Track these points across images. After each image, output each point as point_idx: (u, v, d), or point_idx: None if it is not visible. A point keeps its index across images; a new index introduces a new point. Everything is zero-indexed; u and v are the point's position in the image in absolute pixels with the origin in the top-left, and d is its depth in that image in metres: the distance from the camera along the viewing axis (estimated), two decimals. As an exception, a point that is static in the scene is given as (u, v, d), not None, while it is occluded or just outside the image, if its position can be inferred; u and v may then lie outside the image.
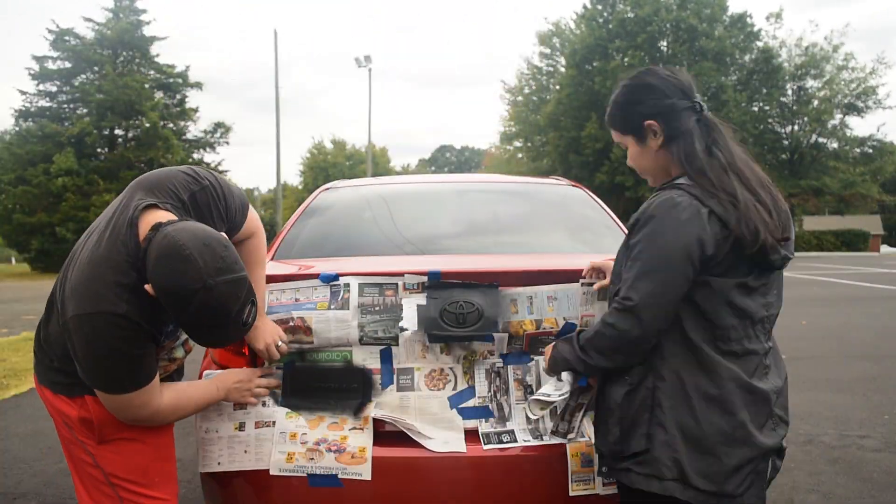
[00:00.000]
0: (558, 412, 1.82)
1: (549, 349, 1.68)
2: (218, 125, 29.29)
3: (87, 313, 1.48)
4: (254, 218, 1.86)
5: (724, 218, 1.41)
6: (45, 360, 1.70)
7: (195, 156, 28.87)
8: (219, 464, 1.89)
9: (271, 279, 1.99)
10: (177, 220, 1.52)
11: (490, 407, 1.92)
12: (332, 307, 1.92)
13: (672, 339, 1.49)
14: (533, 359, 1.96)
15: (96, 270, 1.51)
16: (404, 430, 1.87)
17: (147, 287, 1.46)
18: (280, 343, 1.88)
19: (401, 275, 1.94)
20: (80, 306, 1.49)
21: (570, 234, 2.74)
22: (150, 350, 1.59)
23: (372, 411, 1.88)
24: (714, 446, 1.44)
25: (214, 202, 1.69)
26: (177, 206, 1.60)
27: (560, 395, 1.69)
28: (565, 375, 1.69)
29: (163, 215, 1.54)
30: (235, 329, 1.51)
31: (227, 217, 1.73)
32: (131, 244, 1.52)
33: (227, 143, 29.84)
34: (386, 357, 1.93)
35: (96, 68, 26.89)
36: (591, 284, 1.91)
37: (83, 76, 27.12)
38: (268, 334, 1.87)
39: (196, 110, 29.31)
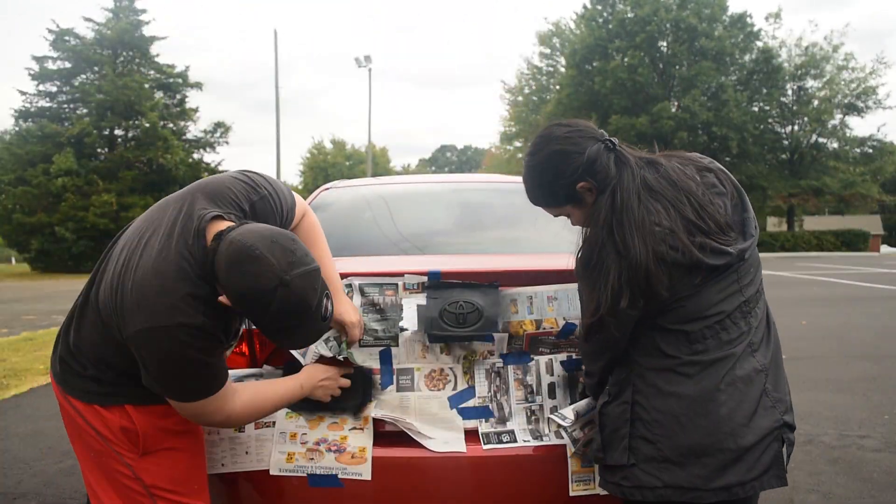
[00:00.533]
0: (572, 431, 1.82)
1: None
2: (218, 125, 29.32)
3: (163, 325, 1.44)
4: (300, 202, 1.83)
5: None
6: (76, 367, 1.62)
7: (195, 156, 28.89)
8: (223, 465, 1.89)
9: None
10: (236, 224, 1.49)
11: (490, 407, 1.92)
12: None
13: (647, 353, 1.50)
14: (533, 359, 1.96)
15: (166, 282, 1.46)
16: (404, 430, 1.87)
17: (222, 298, 1.44)
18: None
19: (401, 275, 1.94)
20: (154, 319, 1.44)
21: (570, 233, 2.73)
22: (222, 357, 1.58)
23: (372, 411, 1.88)
24: (706, 448, 1.43)
25: (272, 210, 1.67)
26: (239, 217, 1.58)
27: (572, 425, 1.73)
28: (585, 404, 1.74)
29: (227, 226, 1.51)
30: (317, 324, 1.49)
31: (282, 222, 1.71)
32: (200, 255, 1.47)
33: (227, 142, 29.89)
34: (386, 357, 1.93)
35: (96, 68, 26.93)
36: None
37: (83, 76, 27.17)
38: (354, 310, 1.85)
39: (196, 110, 29.34)
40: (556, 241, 2.64)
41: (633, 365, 1.52)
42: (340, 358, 1.88)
